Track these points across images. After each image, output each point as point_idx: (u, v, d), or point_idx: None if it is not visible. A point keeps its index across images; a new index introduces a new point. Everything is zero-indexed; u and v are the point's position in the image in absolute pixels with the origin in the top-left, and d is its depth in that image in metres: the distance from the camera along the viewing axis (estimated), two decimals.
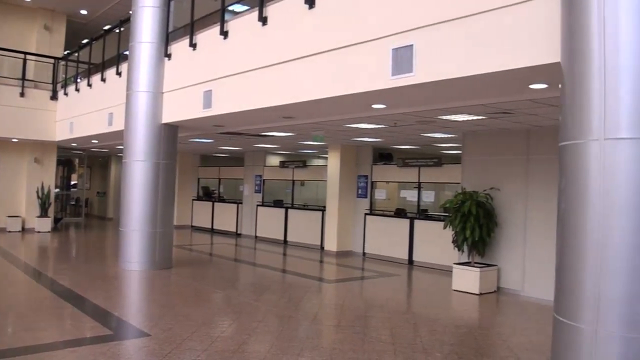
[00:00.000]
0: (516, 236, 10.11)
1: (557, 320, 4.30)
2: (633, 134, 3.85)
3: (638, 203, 3.84)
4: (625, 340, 3.85)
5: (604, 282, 3.90)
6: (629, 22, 3.92)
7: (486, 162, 10.71)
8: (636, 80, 3.87)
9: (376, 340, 6.65)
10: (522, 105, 7.43)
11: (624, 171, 3.87)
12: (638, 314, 3.82)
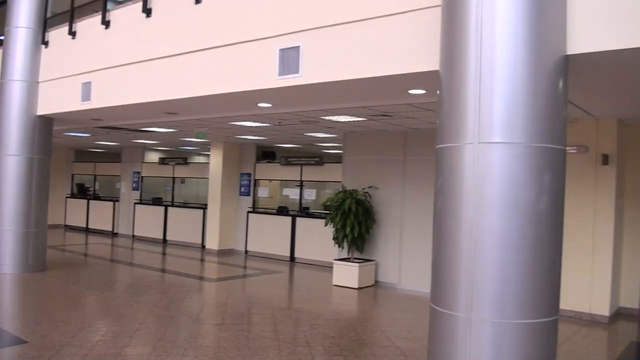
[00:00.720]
0: (393, 232, 10.61)
1: (434, 310, 4.61)
2: (504, 139, 4.23)
3: (507, 201, 4.21)
4: (496, 325, 4.22)
5: (476, 273, 4.24)
6: (503, 36, 4.29)
7: (366, 161, 11.14)
8: (508, 90, 4.25)
9: (260, 337, 6.74)
10: (401, 109, 7.83)
11: (496, 172, 4.23)
12: (507, 301, 4.21)
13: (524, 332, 4.26)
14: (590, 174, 8.31)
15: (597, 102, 7.01)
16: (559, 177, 4.44)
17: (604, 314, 8.22)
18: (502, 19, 4.30)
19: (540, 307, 4.31)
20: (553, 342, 4.48)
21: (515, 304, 4.25)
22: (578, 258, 8.30)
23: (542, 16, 4.36)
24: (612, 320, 8.31)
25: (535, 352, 4.31)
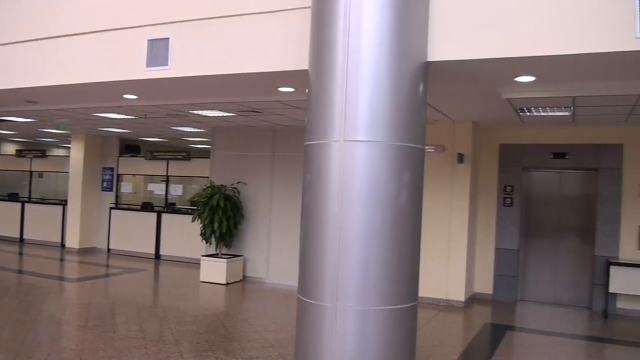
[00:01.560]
0: (261, 228, 10.71)
1: (302, 301, 4.75)
2: (368, 137, 4.44)
3: (370, 196, 4.43)
4: (359, 313, 4.44)
5: (341, 264, 4.43)
6: (369, 40, 4.49)
7: (234, 157, 11.14)
8: (372, 92, 4.46)
9: (126, 336, 6.57)
10: (270, 106, 7.92)
11: (360, 169, 4.43)
12: (370, 290, 4.44)
13: (385, 318, 4.51)
14: (447, 172, 8.91)
15: (453, 106, 7.53)
16: (418, 174, 4.73)
17: (460, 299, 8.88)
18: (369, 24, 4.50)
19: (400, 294, 4.58)
20: (413, 326, 4.79)
21: (378, 292, 4.48)
22: (436, 249, 8.90)
23: (405, 24, 4.63)
24: (467, 305, 8.99)
25: (397, 335, 4.58)
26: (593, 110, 7.29)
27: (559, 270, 9.61)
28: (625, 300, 8.90)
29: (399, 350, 4.63)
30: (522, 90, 6.10)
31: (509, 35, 4.68)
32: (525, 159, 9.53)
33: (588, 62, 4.84)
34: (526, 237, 9.77)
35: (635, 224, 8.96)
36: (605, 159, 9.11)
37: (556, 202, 9.70)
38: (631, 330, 8.09)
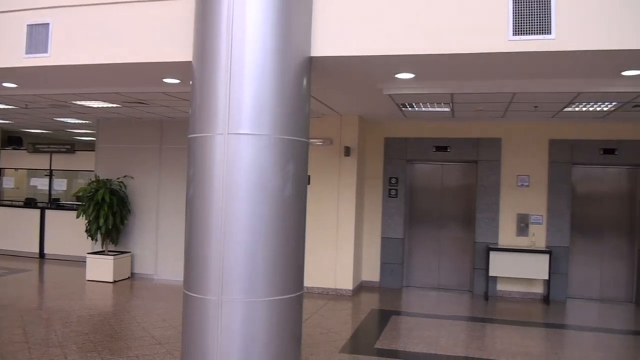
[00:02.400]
0: (149, 223, 10.47)
1: (187, 296, 4.72)
2: (252, 131, 4.47)
3: (255, 189, 4.47)
4: (246, 304, 4.48)
5: (227, 257, 4.44)
6: (253, 34, 4.52)
7: (121, 150, 10.79)
8: (257, 85, 4.50)
9: (9, 341, 6.24)
10: (156, 97, 7.76)
11: (244, 162, 4.46)
12: (256, 282, 4.49)
13: (272, 309, 4.58)
14: (335, 164, 9.11)
15: (339, 100, 7.71)
16: (302, 167, 4.83)
17: (348, 288, 9.13)
18: (252, 18, 4.53)
19: (286, 284, 4.66)
20: (299, 315, 4.90)
21: (264, 284, 4.54)
22: (325, 239, 9.10)
23: (289, 19, 4.69)
24: (355, 293, 9.27)
25: (284, 325, 4.67)
26: (471, 107, 7.72)
27: (442, 256, 10.11)
28: (504, 282, 9.53)
29: (286, 340, 4.72)
30: (402, 87, 6.35)
31: (388, 34, 4.86)
32: (409, 152, 9.93)
33: (464, 61, 5.12)
34: (410, 227, 10.19)
35: (513, 212, 9.59)
36: (484, 152, 9.67)
37: (439, 192, 10.18)
38: (509, 310, 8.66)
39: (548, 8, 4.67)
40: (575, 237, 9.67)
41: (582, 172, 9.78)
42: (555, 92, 6.38)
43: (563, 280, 9.41)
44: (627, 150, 9.34)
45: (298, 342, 4.95)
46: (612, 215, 9.72)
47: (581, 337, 7.49)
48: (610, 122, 8.88)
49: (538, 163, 9.57)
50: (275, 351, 4.64)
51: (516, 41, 4.72)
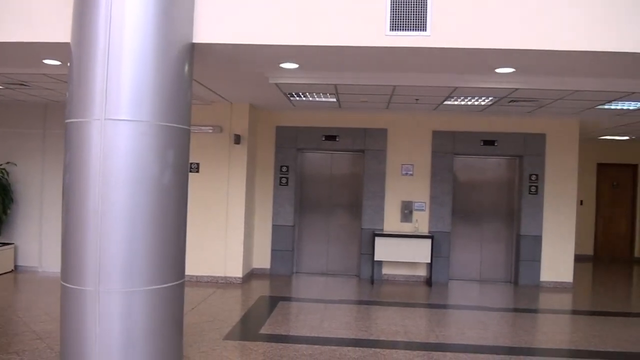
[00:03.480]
0: (33, 212, 10.01)
1: (65, 287, 4.59)
2: (131, 117, 4.40)
3: (134, 176, 4.42)
4: (125, 295, 4.42)
5: (104, 247, 4.36)
6: (133, 17, 4.44)
7: (2, 134, 10.21)
8: (136, 70, 4.43)
9: None
10: (37, 79, 7.42)
11: (122, 149, 4.39)
12: (135, 271, 4.46)
13: (152, 298, 4.55)
14: (225, 152, 9.10)
15: (227, 88, 7.70)
16: (183, 154, 4.82)
17: (238, 275, 9.18)
18: (133, 0, 4.45)
19: (167, 273, 4.65)
20: (180, 303, 4.90)
21: (143, 273, 4.51)
22: (215, 227, 9.10)
23: (171, 3, 4.64)
24: (245, 280, 9.33)
25: (164, 314, 4.66)
26: (355, 97, 7.95)
27: (330, 243, 10.37)
28: (390, 266, 9.94)
29: (167, 329, 4.72)
30: (287, 76, 6.46)
31: (270, 23, 4.93)
32: (299, 141, 10.07)
33: (345, 53, 5.28)
34: (301, 214, 10.38)
35: (398, 199, 10.00)
36: (371, 142, 9.99)
37: (328, 181, 10.41)
38: (393, 292, 9.04)
39: (424, 6, 4.91)
40: (457, 223, 10.24)
41: (463, 162, 10.34)
42: (433, 86, 6.71)
43: (445, 263, 9.94)
44: (506, 142, 9.97)
45: (180, 330, 4.96)
46: (492, 202, 10.37)
47: (459, 316, 7.95)
48: (489, 115, 9.43)
49: (422, 153, 10.02)
50: (157, 340, 4.64)
51: (393, 36, 4.93)
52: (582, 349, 6.44)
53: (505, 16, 4.95)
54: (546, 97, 7.52)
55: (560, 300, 9.12)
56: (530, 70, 6.00)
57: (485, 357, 5.90)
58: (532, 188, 9.97)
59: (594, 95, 7.23)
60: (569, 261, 10.02)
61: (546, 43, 5.01)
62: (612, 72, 6.03)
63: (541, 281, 9.96)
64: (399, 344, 6.27)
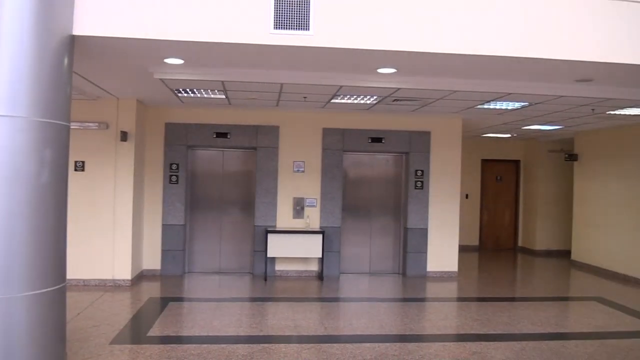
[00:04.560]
0: None
1: None
2: (6, 112, 4.18)
3: (10, 174, 4.20)
4: (3, 302, 4.20)
5: None
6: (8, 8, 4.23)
7: None
8: (11, 62, 4.23)
9: None
10: None
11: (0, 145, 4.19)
12: (14, 276, 4.25)
13: (31, 303, 4.36)
14: (111, 150, 8.82)
15: (112, 83, 7.47)
16: (62, 152, 4.64)
17: (127, 278, 8.91)
18: None
19: (46, 277, 4.47)
20: (62, 307, 4.74)
21: (22, 278, 4.31)
22: (101, 228, 8.79)
23: None
24: (135, 282, 9.08)
25: (45, 320, 4.47)
26: (244, 95, 7.95)
27: (223, 241, 10.32)
28: (282, 262, 10.04)
29: (48, 336, 4.55)
30: (172, 72, 6.37)
31: (155, 18, 4.86)
32: (190, 138, 9.92)
33: (230, 50, 5.29)
34: (192, 213, 10.24)
35: (290, 196, 10.10)
36: (263, 139, 10.03)
37: (220, 178, 10.34)
38: (286, 288, 9.13)
39: (307, 5, 5.01)
40: (347, 218, 10.50)
41: (352, 159, 10.61)
42: (319, 84, 6.84)
43: (336, 257, 10.17)
44: (392, 139, 10.33)
45: (62, 337, 4.80)
46: (380, 198, 10.71)
47: (348, 308, 8.17)
48: (377, 113, 9.73)
49: (313, 150, 10.19)
50: (37, 349, 4.45)
51: (276, 35, 5.00)
52: (463, 332, 6.83)
53: (386, 18, 5.15)
54: (428, 97, 7.87)
55: (445, 289, 9.59)
56: (410, 71, 6.27)
57: (370, 345, 6.11)
58: (418, 183, 10.41)
59: (473, 96, 7.65)
60: (453, 252, 10.56)
61: (425, 46, 5.27)
62: (489, 74, 6.42)
63: (428, 271, 10.42)
64: (288, 338, 6.36)
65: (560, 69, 5.96)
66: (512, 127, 11.48)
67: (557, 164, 14.12)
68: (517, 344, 6.29)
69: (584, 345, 6.38)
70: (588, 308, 8.41)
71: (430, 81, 6.78)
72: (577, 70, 6.09)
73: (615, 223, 11.19)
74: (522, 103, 8.21)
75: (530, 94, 7.27)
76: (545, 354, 5.96)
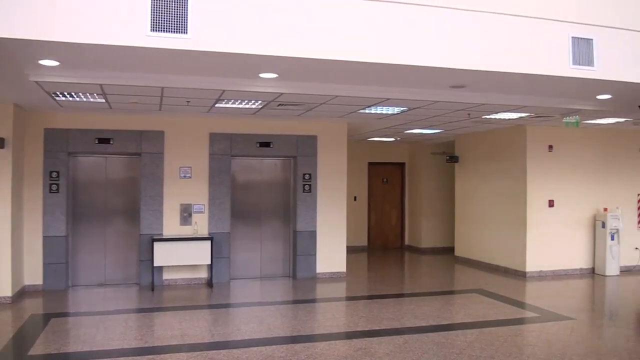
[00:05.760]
0: None
1: None
2: None
3: None
4: None
5: None
6: None
7: None
8: None
9: None
10: None
11: None
12: None
13: None
14: None
15: None
16: None
17: (7, 295, 8.38)
18: None
19: None
20: None
21: None
22: None
23: None
24: (16, 299, 8.55)
25: None
26: (125, 99, 7.73)
27: (108, 252, 9.94)
28: (170, 271, 9.82)
29: None
30: (48, 74, 6.11)
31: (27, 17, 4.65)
32: (71, 144, 9.48)
33: (107, 52, 5.15)
34: (74, 223, 9.78)
35: (177, 202, 9.92)
36: (148, 145, 9.78)
37: (103, 186, 9.96)
38: (174, 297, 8.96)
39: (185, 8, 4.98)
40: (236, 223, 10.46)
41: (241, 164, 10.60)
42: (202, 88, 6.77)
43: (225, 263, 10.09)
44: (280, 143, 10.43)
45: None
46: (270, 202, 10.78)
47: (237, 313, 8.17)
48: (264, 118, 9.77)
49: (199, 155, 10.07)
50: None
51: (154, 37, 4.92)
52: (349, 330, 7.03)
53: (266, 23, 5.22)
54: (311, 102, 8.02)
55: (333, 289, 9.79)
56: (292, 76, 6.38)
57: (257, 349, 6.13)
58: (306, 187, 10.55)
59: (354, 101, 7.88)
60: (342, 253, 10.81)
61: (304, 52, 5.39)
62: (368, 80, 6.65)
63: (317, 273, 10.59)
64: (175, 347, 6.23)
65: (435, 75, 6.27)
66: (396, 131, 11.90)
67: (440, 165, 14.81)
68: (400, 338, 6.55)
69: (464, 334, 6.74)
70: (469, 300, 8.88)
71: (312, 86, 6.92)
72: (451, 77, 6.44)
73: (493, 219, 11.89)
74: (401, 108, 8.55)
75: (408, 99, 7.59)
76: (427, 346, 6.24)
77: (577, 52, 6.29)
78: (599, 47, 6.38)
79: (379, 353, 5.98)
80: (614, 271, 11.11)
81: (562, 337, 6.70)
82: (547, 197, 11.09)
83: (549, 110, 8.72)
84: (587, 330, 7.27)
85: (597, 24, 6.41)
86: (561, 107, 8.35)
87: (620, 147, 11.69)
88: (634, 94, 7.38)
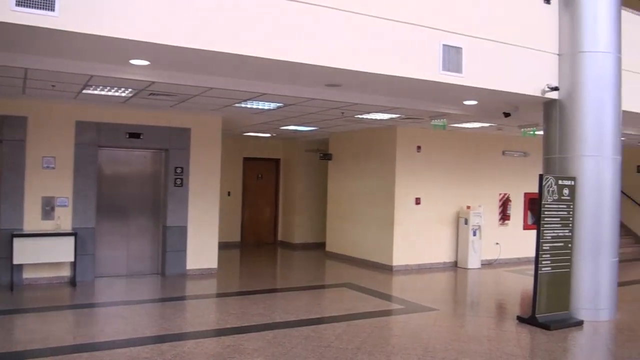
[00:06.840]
0: None
1: None
2: None
3: None
4: None
5: None
6: None
7: None
8: None
9: None
10: None
11: None
12: None
13: None
14: None
15: None
16: None
17: None
18: None
19: None
20: None
21: None
22: None
23: None
24: None
25: None
26: None
27: None
28: (31, 269, 9.10)
29: None
30: None
31: None
32: None
33: None
34: None
35: (39, 195, 9.23)
36: (9, 131, 8.99)
37: None
38: (35, 298, 8.34)
39: None
40: (102, 218, 9.94)
41: (108, 155, 10.10)
42: (68, 72, 6.34)
43: (90, 260, 9.57)
44: (152, 135, 10.05)
45: None
46: (138, 196, 10.37)
47: (101, 313, 7.79)
48: (135, 107, 9.35)
49: (64, 144, 9.43)
50: None
51: (18, 12, 4.58)
52: (219, 327, 6.92)
53: (138, 7, 5.01)
54: (185, 93, 7.80)
55: (204, 286, 9.61)
56: (165, 64, 6.17)
57: (122, 350, 5.85)
58: (177, 181, 10.27)
59: (230, 94, 7.77)
60: (213, 249, 10.63)
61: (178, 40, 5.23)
62: (244, 74, 6.58)
63: (187, 269, 10.34)
64: (35, 352, 5.75)
65: (310, 72, 6.33)
66: (271, 126, 11.91)
67: (314, 162, 15.02)
68: (270, 333, 6.54)
69: (333, 327, 6.87)
70: (338, 294, 9.08)
71: (186, 76, 6.74)
72: (325, 75, 6.52)
73: (363, 216, 12.25)
74: (277, 104, 8.55)
75: (283, 95, 7.60)
76: (296, 340, 6.28)
77: (447, 58, 6.64)
78: (467, 55, 6.78)
79: (248, 349, 5.93)
80: (476, 264, 11.88)
81: (426, 327, 7.01)
82: (414, 195, 11.61)
83: (418, 113, 9.11)
84: (450, 320, 7.66)
85: (467, 34, 6.81)
86: (430, 110, 8.76)
87: (485, 150, 12.50)
88: (498, 101, 7.92)
